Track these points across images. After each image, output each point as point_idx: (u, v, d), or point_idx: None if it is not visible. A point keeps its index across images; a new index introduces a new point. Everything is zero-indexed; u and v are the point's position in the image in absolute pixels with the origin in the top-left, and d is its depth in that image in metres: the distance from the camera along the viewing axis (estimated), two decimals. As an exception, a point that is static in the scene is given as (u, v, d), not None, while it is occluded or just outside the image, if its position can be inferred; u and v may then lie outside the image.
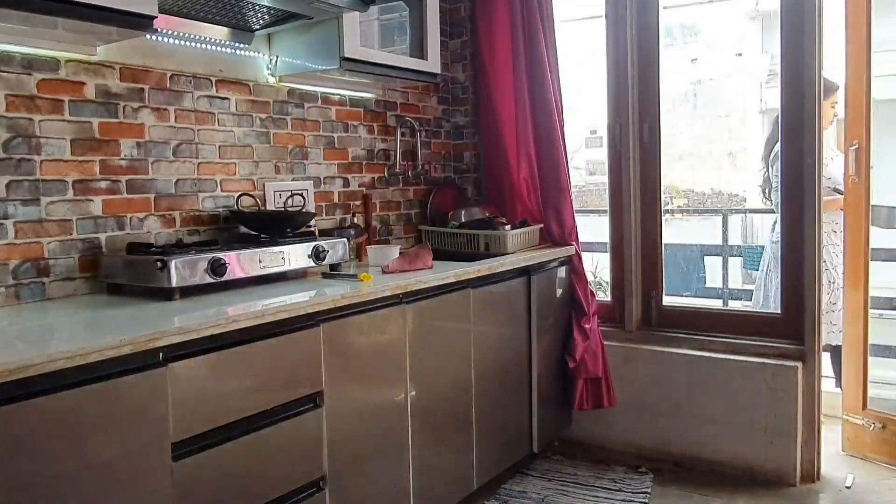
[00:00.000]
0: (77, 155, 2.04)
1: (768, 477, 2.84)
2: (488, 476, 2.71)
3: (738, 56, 12.06)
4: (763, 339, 2.95)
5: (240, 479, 1.76)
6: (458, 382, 2.53)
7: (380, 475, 2.20)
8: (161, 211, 2.27)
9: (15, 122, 1.91)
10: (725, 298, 5.10)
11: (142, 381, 1.53)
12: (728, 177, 11.77)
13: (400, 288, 2.21)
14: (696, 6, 11.20)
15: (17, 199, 1.93)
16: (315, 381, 1.95)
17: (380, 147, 3.09)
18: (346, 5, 2.30)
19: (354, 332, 2.09)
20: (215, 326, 1.66)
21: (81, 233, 2.07)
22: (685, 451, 2.94)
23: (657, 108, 3.13)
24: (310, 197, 2.71)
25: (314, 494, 1.95)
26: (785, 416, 2.81)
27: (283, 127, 2.66)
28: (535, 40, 3.18)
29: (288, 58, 2.58)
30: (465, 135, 3.49)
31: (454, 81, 3.48)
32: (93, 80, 2.07)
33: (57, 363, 1.36)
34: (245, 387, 1.77)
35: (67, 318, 1.78)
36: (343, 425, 2.04)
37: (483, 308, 2.62)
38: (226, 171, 2.46)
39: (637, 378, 2.89)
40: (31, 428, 1.36)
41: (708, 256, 5.94)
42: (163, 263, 1.88)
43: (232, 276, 2.03)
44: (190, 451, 1.64)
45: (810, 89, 2.77)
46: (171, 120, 2.28)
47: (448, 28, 3.42)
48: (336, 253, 2.37)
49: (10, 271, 1.92)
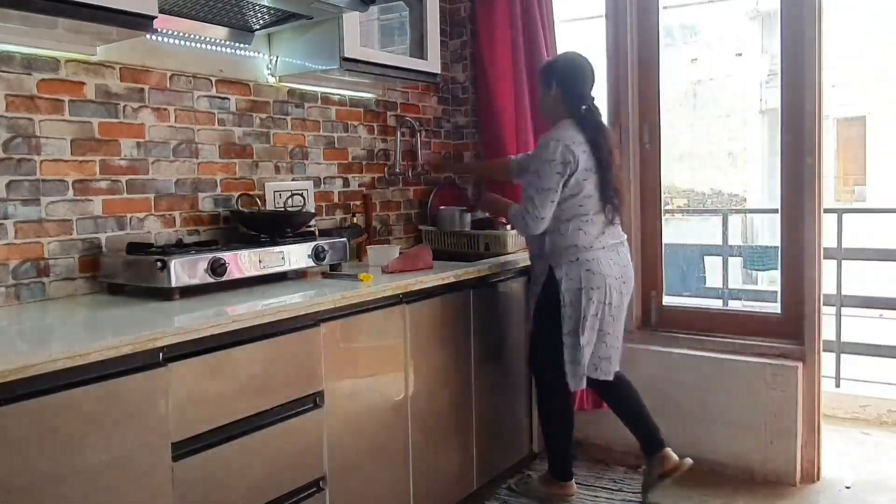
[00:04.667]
0: (77, 155, 2.04)
1: (768, 477, 2.84)
2: (488, 476, 2.71)
3: (738, 56, 12.07)
4: (763, 339, 2.95)
5: (240, 479, 1.76)
6: (458, 382, 2.53)
7: (380, 475, 2.20)
8: (161, 211, 2.27)
9: (15, 122, 1.91)
10: (725, 298, 5.10)
11: (142, 381, 1.54)
12: (728, 177, 11.78)
13: (400, 288, 2.21)
14: (696, 6, 11.20)
15: (17, 199, 1.92)
16: (315, 381, 1.95)
17: (380, 147, 3.09)
18: (346, 5, 2.30)
19: (354, 332, 2.09)
20: (215, 326, 1.66)
21: (81, 233, 2.07)
22: (685, 451, 2.93)
23: (657, 108, 3.13)
24: (310, 197, 2.71)
25: (314, 494, 1.95)
26: (785, 416, 2.81)
27: (283, 127, 2.66)
28: (535, 40, 3.19)
29: (288, 58, 2.58)
30: (465, 135, 3.49)
31: (454, 81, 3.48)
32: (93, 80, 2.07)
33: (57, 363, 1.36)
34: (245, 387, 1.77)
35: (67, 318, 1.78)
36: (343, 425, 2.04)
37: (483, 308, 2.62)
38: (226, 171, 2.46)
39: (637, 378, 2.87)
40: (30, 428, 1.36)
41: (708, 256, 5.95)
42: (163, 263, 1.88)
43: (232, 276, 2.03)
44: (190, 451, 1.64)
45: (810, 89, 2.77)
46: (171, 120, 2.28)
47: (448, 28, 3.42)
48: (336, 253, 2.37)
49: (10, 271, 1.91)
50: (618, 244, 2.55)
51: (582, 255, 2.47)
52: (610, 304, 2.49)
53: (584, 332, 2.46)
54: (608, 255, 2.50)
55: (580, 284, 2.46)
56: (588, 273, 2.46)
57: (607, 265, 2.48)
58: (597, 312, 2.48)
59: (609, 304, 2.49)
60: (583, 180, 2.43)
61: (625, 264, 2.56)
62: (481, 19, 3.29)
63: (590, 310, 2.46)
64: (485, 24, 3.27)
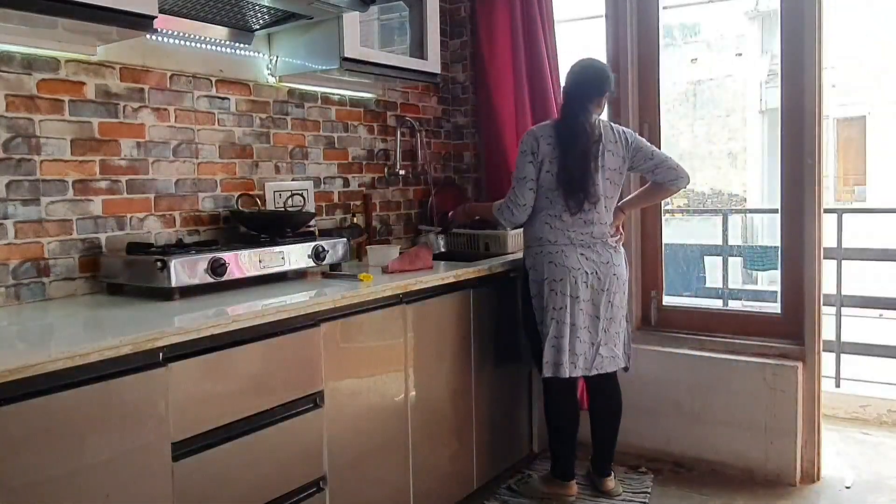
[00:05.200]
0: (77, 155, 2.04)
1: (768, 477, 2.84)
2: (488, 476, 2.71)
3: (738, 56, 12.07)
4: (763, 339, 2.95)
5: (240, 479, 1.76)
6: (458, 382, 2.53)
7: (380, 475, 2.20)
8: (161, 211, 2.27)
9: (15, 122, 1.91)
10: (725, 298, 5.10)
11: (142, 381, 1.53)
12: (728, 177, 11.79)
13: (400, 288, 2.21)
14: (696, 6, 11.20)
15: (17, 199, 1.92)
16: (315, 381, 1.95)
17: (380, 147, 3.09)
18: (346, 5, 2.30)
19: (354, 332, 2.09)
20: (215, 326, 1.66)
21: (81, 233, 2.07)
22: (685, 451, 2.93)
23: (657, 109, 3.13)
24: (310, 197, 2.71)
25: (314, 494, 1.95)
26: (785, 416, 2.81)
27: (283, 127, 2.66)
28: (535, 40, 3.18)
29: (288, 58, 2.58)
30: (465, 135, 3.49)
31: (454, 81, 3.48)
32: (93, 80, 2.07)
33: (57, 363, 1.36)
34: (245, 387, 1.77)
35: (67, 318, 1.78)
36: (343, 425, 2.04)
37: (483, 308, 2.62)
38: (226, 171, 2.46)
39: (637, 378, 2.88)
40: (31, 428, 1.36)
41: (708, 256, 5.95)
42: (163, 263, 1.88)
43: (232, 276, 2.03)
44: (190, 451, 1.64)
45: (810, 89, 2.76)
46: (171, 120, 2.28)
47: (448, 28, 3.42)
48: (336, 253, 2.37)
49: (10, 271, 1.91)
50: (595, 242, 2.54)
51: (546, 248, 2.54)
52: (576, 298, 2.50)
53: (548, 324, 2.51)
54: (578, 250, 2.52)
55: (544, 276, 2.53)
56: (550, 265, 2.51)
57: (574, 259, 2.50)
58: (563, 305, 2.49)
59: (576, 297, 2.50)
60: (545, 172, 2.50)
61: (603, 262, 2.54)
62: (481, 19, 3.29)
63: (553, 302, 2.50)
64: (485, 24, 3.27)
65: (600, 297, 2.54)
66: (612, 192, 2.58)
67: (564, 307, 2.50)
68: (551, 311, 2.51)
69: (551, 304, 2.51)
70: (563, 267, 2.50)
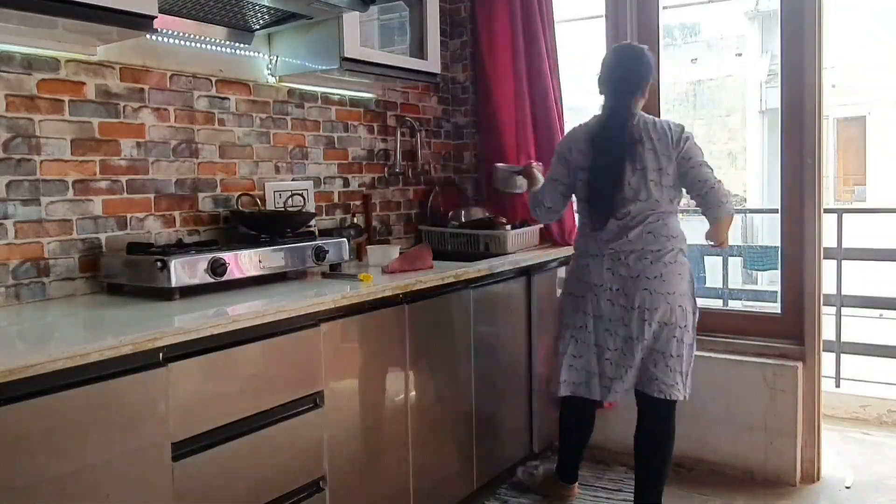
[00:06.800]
0: (77, 155, 2.04)
1: (768, 477, 2.84)
2: (488, 476, 2.71)
3: (738, 56, 12.08)
4: (763, 339, 2.95)
5: (240, 480, 1.76)
6: (458, 382, 2.53)
7: (380, 475, 2.20)
8: (161, 211, 2.27)
9: (15, 122, 1.91)
10: (725, 298, 5.11)
11: (142, 381, 1.53)
12: (728, 177, 11.78)
13: (400, 288, 2.21)
14: (696, 6, 11.21)
15: (17, 199, 1.92)
16: (315, 381, 1.95)
17: (380, 147, 3.09)
18: (346, 5, 2.30)
19: (354, 332, 2.09)
20: (215, 326, 1.66)
21: (81, 233, 2.07)
22: (685, 451, 2.93)
23: (657, 109, 3.13)
24: (310, 197, 2.71)
25: (314, 494, 1.95)
26: (785, 416, 2.81)
27: (283, 127, 2.66)
28: (535, 40, 3.18)
29: (288, 58, 2.58)
30: (465, 135, 3.49)
31: (454, 81, 3.48)
32: (93, 80, 2.07)
33: (57, 363, 1.36)
34: (245, 387, 1.77)
35: (67, 318, 1.78)
36: (343, 425, 2.04)
37: (483, 308, 2.62)
38: (226, 171, 2.46)
39: (637, 378, 2.88)
40: (31, 428, 1.36)
41: (708, 256, 5.95)
42: (163, 263, 1.88)
43: (232, 276, 2.03)
44: (190, 451, 1.64)
45: (810, 89, 2.77)
46: (171, 120, 2.28)
47: (448, 28, 3.42)
48: (336, 253, 2.37)
49: (10, 271, 1.91)
50: (629, 253, 2.30)
51: (577, 261, 2.48)
52: (600, 317, 2.36)
53: (567, 341, 2.44)
54: (605, 263, 2.34)
55: (570, 289, 2.48)
56: (577, 280, 2.44)
57: (597, 274, 2.34)
58: (584, 324, 2.39)
59: (599, 316, 2.36)
60: (578, 181, 2.43)
61: (632, 276, 2.29)
62: (481, 19, 3.29)
63: (575, 319, 2.41)
64: (485, 24, 3.27)
65: (631, 316, 2.31)
66: (658, 193, 2.30)
67: (584, 326, 2.39)
68: (571, 328, 2.42)
69: (571, 322, 2.42)
70: (585, 283, 2.38)
